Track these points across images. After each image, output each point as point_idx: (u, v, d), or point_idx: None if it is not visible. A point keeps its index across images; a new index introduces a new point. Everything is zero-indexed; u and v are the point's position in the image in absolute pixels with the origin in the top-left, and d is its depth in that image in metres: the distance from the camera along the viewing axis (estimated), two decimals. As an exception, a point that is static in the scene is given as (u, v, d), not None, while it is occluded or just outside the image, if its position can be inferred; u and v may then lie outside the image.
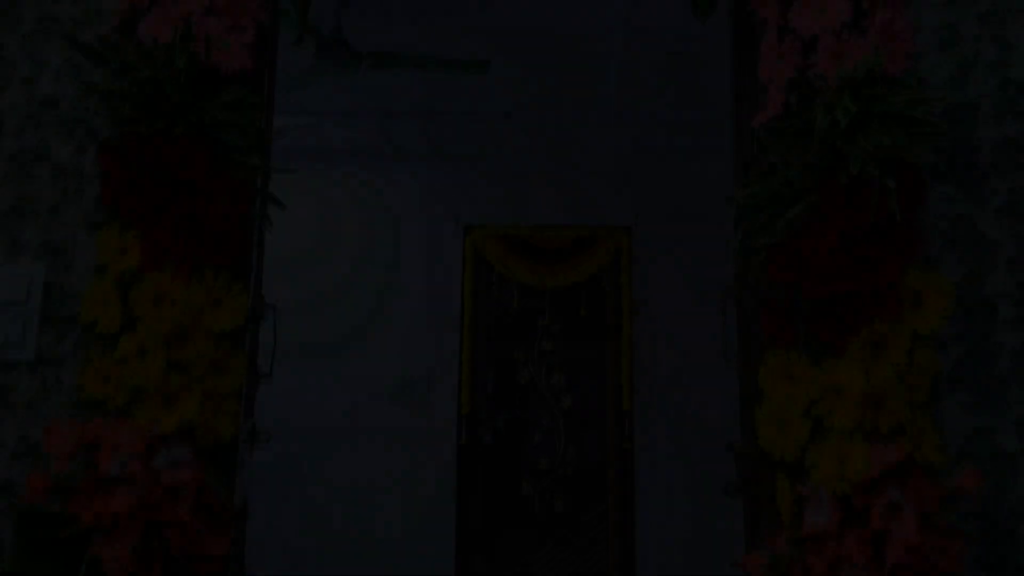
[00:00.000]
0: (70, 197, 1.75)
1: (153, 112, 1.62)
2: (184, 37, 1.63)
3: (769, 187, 1.58)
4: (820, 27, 1.61)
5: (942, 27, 1.70)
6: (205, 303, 1.64)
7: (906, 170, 1.56)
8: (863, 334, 1.50)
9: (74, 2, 1.83)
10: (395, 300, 5.53)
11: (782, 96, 1.63)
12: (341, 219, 5.63)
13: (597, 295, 5.50)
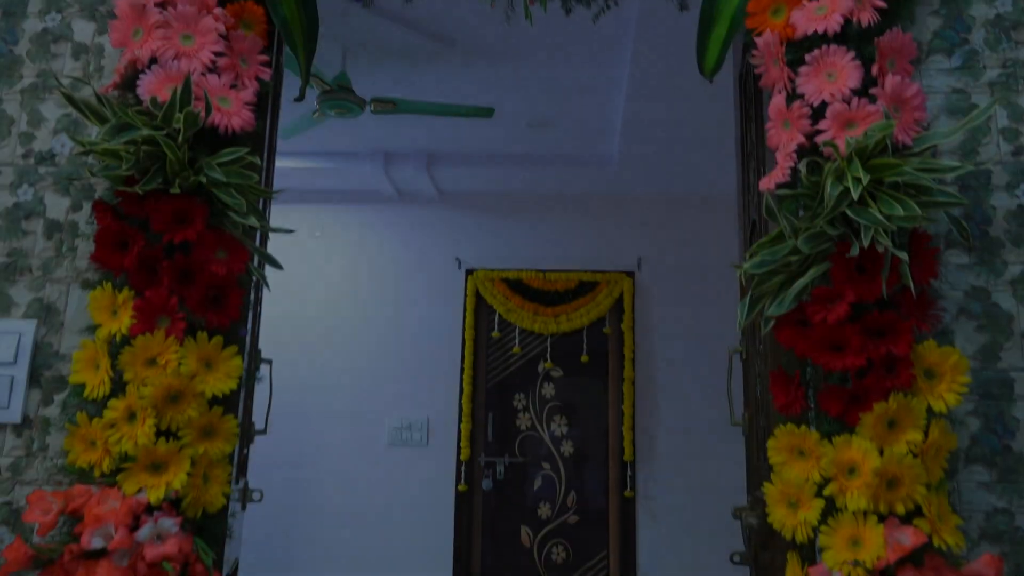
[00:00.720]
0: (63, 254, 1.71)
1: (150, 171, 1.59)
2: (183, 96, 1.60)
3: (777, 255, 1.54)
4: (829, 93, 1.58)
5: (952, 92, 1.67)
6: (198, 366, 1.60)
7: (918, 240, 1.52)
8: (876, 410, 1.44)
9: (74, 58, 1.82)
10: (394, 343, 5.49)
11: (790, 162, 1.60)
12: (340, 262, 5.61)
13: (599, 340, 5.45)
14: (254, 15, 1.78)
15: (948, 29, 1.71)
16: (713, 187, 5.24)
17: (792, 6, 1.67)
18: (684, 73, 3.00)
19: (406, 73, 4.05)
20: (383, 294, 5.56)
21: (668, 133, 4.51)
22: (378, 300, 5.55)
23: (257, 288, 1.83)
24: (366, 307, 5.54)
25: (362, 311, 5.54)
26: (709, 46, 1.81)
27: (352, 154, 5.17)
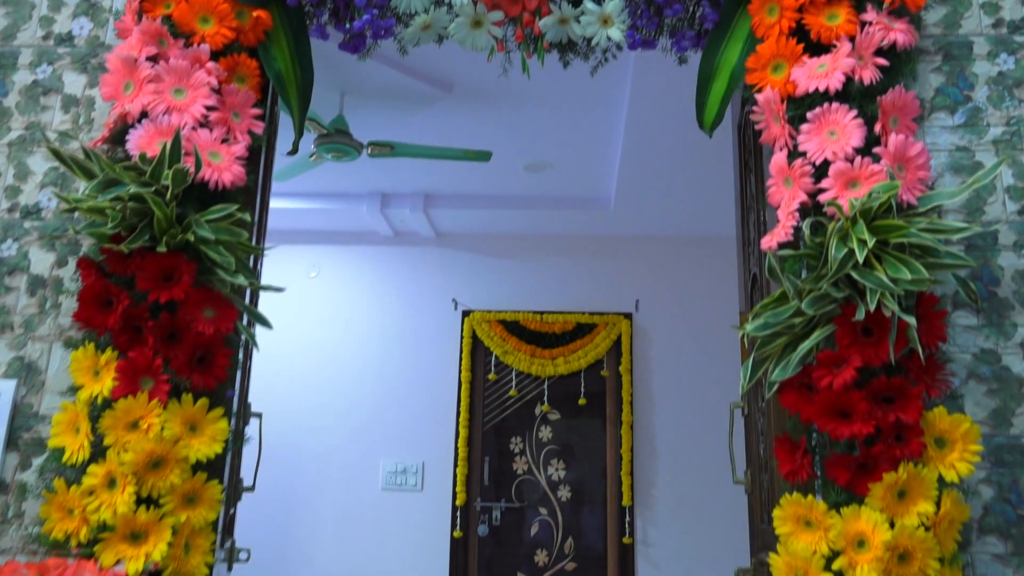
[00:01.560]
0: (46, 311, 1.66)
1: (137, 229, 1.55)
2: (173, 152, 1.57)
3: (781, 317, 1.50)
4: (831, 152, 1.56)
5: (956, 150, 1.65)
6: (182, 430, 1.54)
7: (925, 302, 1.48)
8: (886, 480, 1.39)
9: (64, 111, 1.79)
10: (390, 385, 5.42)
11: (792, 221, 1.56)
12: (336, 302, 5.57)
13: (597, 383, 5.38)
14: (248, 68, 1.76)
15: (951, 86, 1.69)
16: (711, 228, 5.23)
17: (792, 63, 1.65)
18: (681, 115, 2.99)
19: (404, 116, 4.04)
20: (378, 335, 5.50)
21: (666, 174, 4.50)
22: (373, 341, 5.49)
23: (246, 347, 1.78)
24: (361, 348, 5.48)
25: (357, 352, 5.48)
26: (708, 101, 1.79)
27: (349, 195, 5.15)
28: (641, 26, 1.80)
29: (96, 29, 1.85)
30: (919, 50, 1.69)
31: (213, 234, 1.57)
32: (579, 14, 1.82)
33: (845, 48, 1.59)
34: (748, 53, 1.72)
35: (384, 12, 1.81)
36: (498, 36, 1.87)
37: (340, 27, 1.81)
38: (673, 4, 1.75)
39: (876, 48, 1.60)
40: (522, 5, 1.83)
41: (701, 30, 1.83)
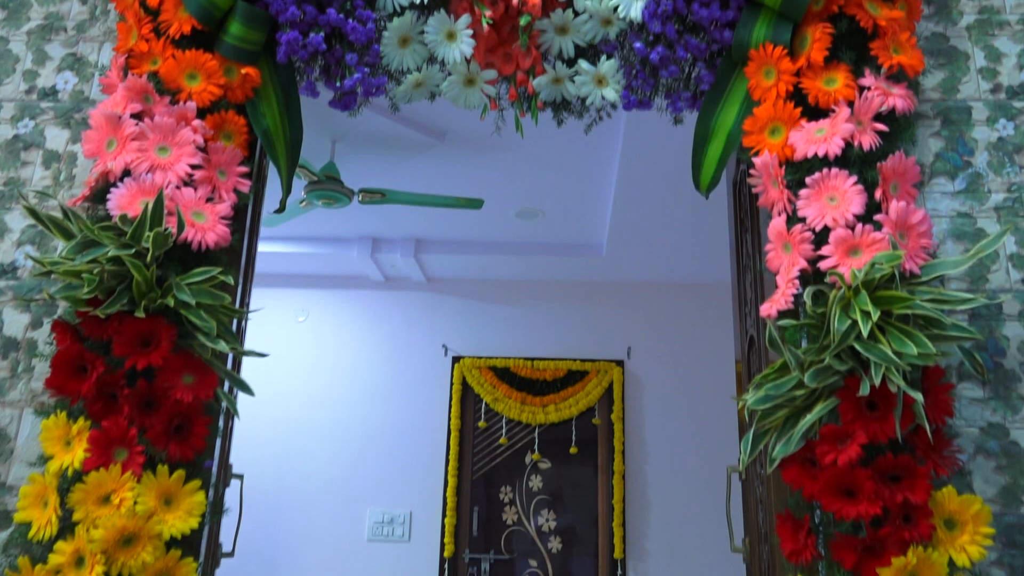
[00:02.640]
0: (19, 375, 1.60)
1: (115, 292, 1.49)
2: (154, 214, 1.52)
3: (782, 389, 1.45)
4: (831, 218, 1.52)
5: (957, 216, 1.62)
6: (156, 504, 1.46)
7: (931, 375, 1.44)
8: (895, 564, 1.33)
9: (45, 166, 1.74)
10: (378, 432, 5.32)
11: (793, 288, 1.52)
12: (324, 347, 5.48)
13: (589, 431, 5.30)
14: (235, 125, 1.72)
15: (951, 151, 1.67)
16: (703, 275, 5.20)
17: (790, 127, 1.62)
18: (674, 161, 2.97)
19: (395, 163, 4.02)
20: (367, 380, 5.41)
21: (658, 221, 4.48)
22: (362, 386, 5.40)
23: (227, 412, 1.72)
24: (349, 393, 5.39)
25: (345, 397, 5.38)
26: (704, 163, 1.76)
27: (339, 239, 5.11)
28: (636, 87, 1.78)
29: (81, 83, 1.81)
30: (918, 114, 1.67)
31: (194, 298, 1.51)
32: (573, 74, 1.79)
33: (844, 113, 1.57)
34: (745, 115, 1.69)
35: (376, 70, 1.78)
36: (491, 94, 1.85)
37: (331, 84, 1.78)
38: (668, 65, 1.73)
39: (875, 113, 1.58)
40: (516, 64, 1.80)
41: (697, 91, 1.81)
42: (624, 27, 1.74)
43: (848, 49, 1.63)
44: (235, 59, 1.71)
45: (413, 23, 1.76)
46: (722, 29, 1.70)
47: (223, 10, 1.69)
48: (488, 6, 1.71)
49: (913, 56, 1.62)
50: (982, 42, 1.72)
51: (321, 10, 1.71)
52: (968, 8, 1.75)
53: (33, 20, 1.87)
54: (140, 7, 1.72)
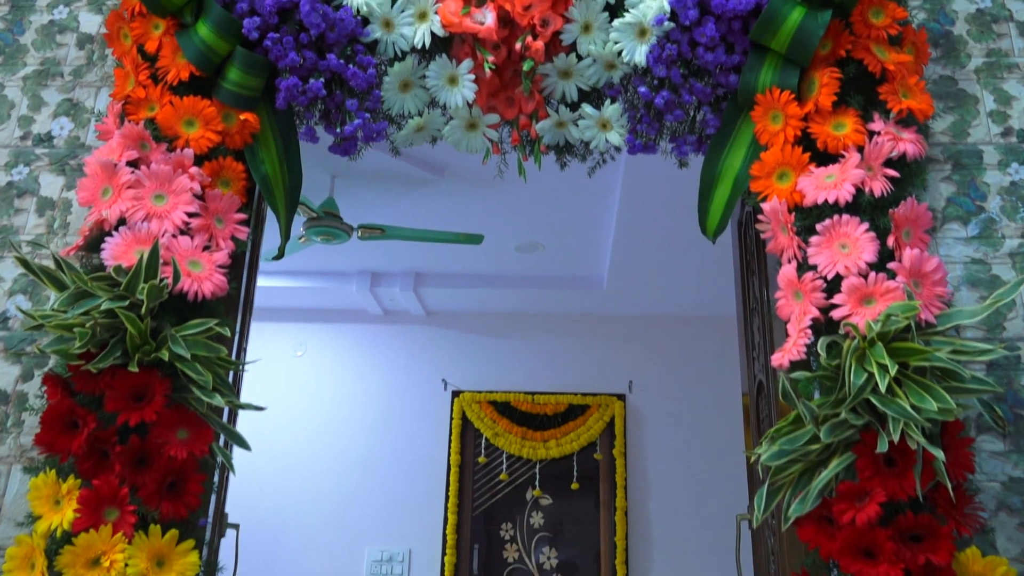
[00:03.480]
0: (8, 430, 1.55)
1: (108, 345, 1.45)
2: (150, 265, 1.48)
3: (796, 444, 1.40)
4: (844, 266, 1.48)
5: (971, 263, 1.58)
6: (148, 566, 1.41)
7: (950, 429, 1.39)
8: (917, 630, 1.27)
9: (38, 214, 1.71)
10: (376, 468, 5.23)
11: (805, 338, 1.48)
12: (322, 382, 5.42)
13: (590, 466, 5.22)
14: (233, 171, 1.69)
15: (962, 196, 1.64)
16: (705, 307, 5.16)
17: (799, 172, 1.59)
18: (675, 194, 2.95)
19: (395, 198, 4.00)
20: (365, 416, 5.34)
21: (659, 253, 4.45)
22: (360, 422, 5.33)
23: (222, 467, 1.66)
24: (347, 429, 5.32)
25: (343, 433, 5.31)
26: (711, 208, 1.73)
27: (338, 273, 5.07)
28: (641, 131, 1.75)
29: (77, 130, 1.79)
30: (928, 159, 1.64)
31: (190, 350, 1.47)
32: (577, 118, 1.77)
33: (854, 159, 1.54)
34: (752, 160, 1.67)
35: (376, 115, 1.75)
36: (494, 138, 1.82)
37: (330, 129, 1.75)
38: (674, 109, 1.71)
39: (885, 159, 1.55)
40: (518, 108, 1.78)
41: (702, 135, 1.78)
42: (628, 71, 1.72)
43: (856, 93, 1.60)
44: (233, 105, 1.68)
45: (414, 68, 1.73)
46: (727, 73, 1.68)
47: (222, 56, 1.67)
48: (490, 51, 1.69)
49: (922, 100, 1.59)
50: (991, 85, 1.70)
51: (321, 56, 1.68)
52: (976, 51, 1.73)
53: (29, 65, 1.85)
54: (138, 53, 1.70)
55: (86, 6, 1.89)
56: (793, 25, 1.59)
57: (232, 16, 1.66)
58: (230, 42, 1.66)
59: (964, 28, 1.75)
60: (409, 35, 1.70)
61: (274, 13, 1.65)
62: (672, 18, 1.64)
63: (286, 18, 1.68)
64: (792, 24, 1.59)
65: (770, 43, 1.62)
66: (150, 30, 1.71)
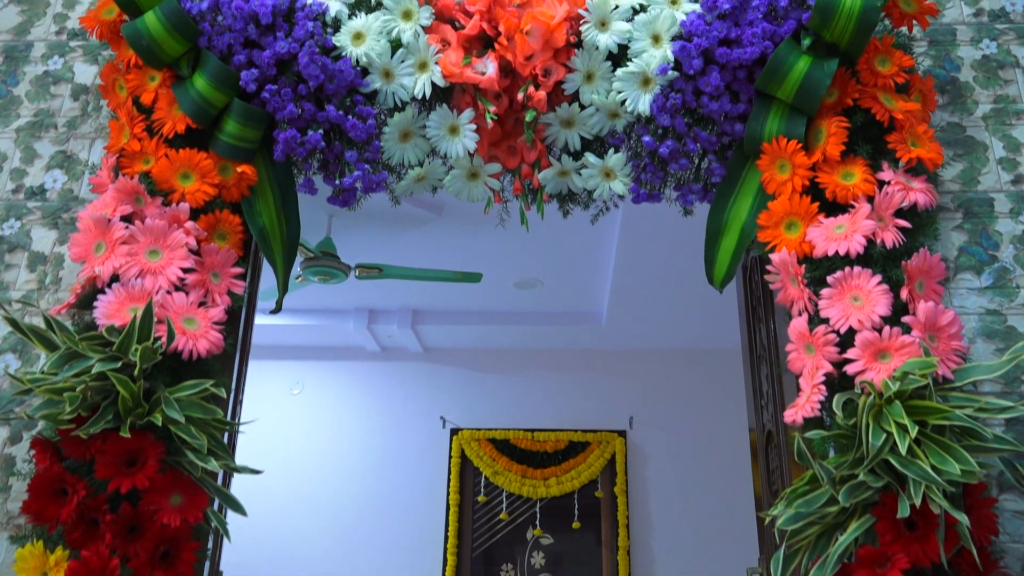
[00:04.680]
0: (-6, 496, 1.49)
1: (99, 408, 1.40)
2: (143, 325, 1.44)
3: (813, 506, 1.35)
4: (856, 320, 1.45)
5: (986, 314, 1.55)
6: (139, 640, 1.34)
7: (973, 491, 1.35)
8: None
9: (30, 269, 1.67)
10: (374, 508, 5.14)
11: (819, 395, 1.44)
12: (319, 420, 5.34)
13: (591, 505, 5.13)
14: (230, 225, 1.65)
15: (975, 245, 1.60)
16: (706, 341, 5.11)
17: (808, 222, 1.56)
18: (675, 229, 2.91)
19: (393, 236, 3.97)
20: (362, 454, 5.26)
21: (659, 287, 4.41)
22: (357, 461, 5.24)
23: (216, 532, 1.61)
24: (344, 468, 5.23)
25: (340, 472, 5.22)
26: (718, 257, 1.69)
27: (335, 310, 5.02)
28: (645, 180, 1.72)
29: (70, 182, 1.75)
30: (939, 207, 1.61)
31: (184, 412, 1.42)
32: (580, 167, 1.74)
33: (864, 209, 1.51)
34: (759, 209, 1.63)
35: (376, 165, 1.72)
36: (495, 187, 1.79)
37: (329, 180, 1.72)
38: (679, 159, 1.68)
39: (896, 209, 1.52)
40: (520, 157, 1.75)
41: (708, 183, 1.76)
42: (632, 120, 1.69)
43: (864, 142, 1.58)
44: (231, 157, 1.65)
45: (414, 118, 1.71)
46: (733, 122, 1.66)
47: (218, 108, 1.64)
48: (492, 101, 1.66)
49: (932, 149, 1.57)
50: (1000, 132, 1.68)
51: (320, 107, 1.66)
52: (983, 98, 1.71)
53: (23, 117, 1.81)
54: (133, 105, 1.67)
55: (81, 57, 1.87)
56: (799, 75, 1.57)
57: (229, 68, 1.63)
58: (227, 94, 1.64)
59: (970, 74, 1.73)
60: (409, 85, 1.67)
61: (272, 65, 1.63)
62: (676, 67, 1.62)
63: (284, 69, 1.65)
64: (798, 74, 1.57)
65: (776, 92, 1.60)
66: (146, 82, 1.68)
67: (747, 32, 1.60)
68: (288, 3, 1.65)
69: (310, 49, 1.60)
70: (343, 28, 1.67)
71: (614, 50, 1.65)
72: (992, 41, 1.76)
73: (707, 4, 1.62)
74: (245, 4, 1.63)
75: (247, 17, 1.63)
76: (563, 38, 1.64)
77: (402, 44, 1.66)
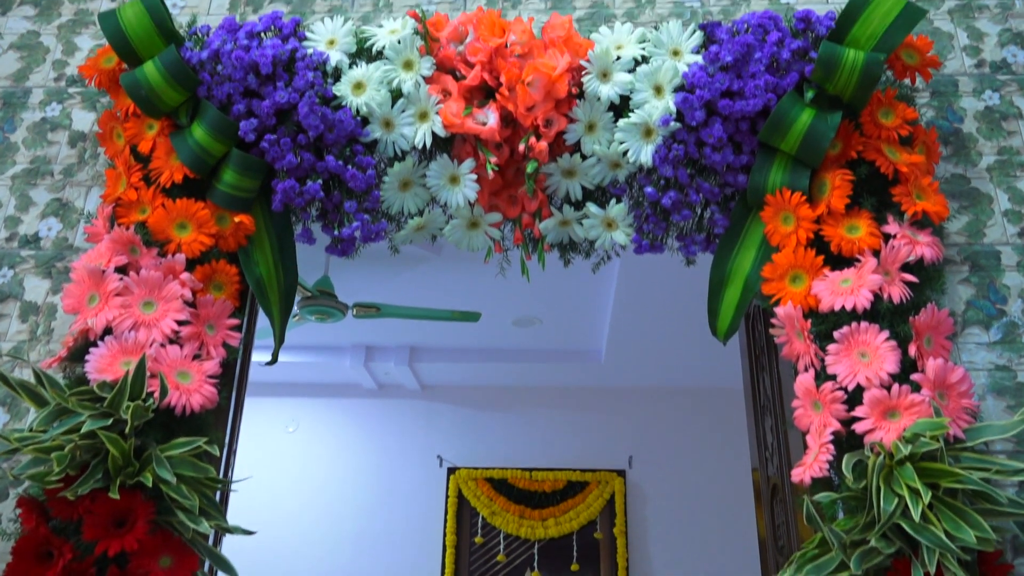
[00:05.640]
0: (-22, 556, 1.44)
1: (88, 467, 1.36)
2: (136, 381, 1.40)
3: (823, 572, 1.32)
4: (865, 378, 1.42)
5: (996, 369, 1.52)
6: None
7: (988, 557, 1.31)
8: None
9: (21, 319, 1.64)
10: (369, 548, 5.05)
11: (827, 455, 1.40)
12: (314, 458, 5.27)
13: (590, 546, 5.05)
14: (226, 275, 1.62)
15: (982, 299, 1.58)
16: (707, 379, 5.06)
17: (813, 275, 1.54)
18: (674, 266, 2.89)
19: (391, 275, 3.95)
20: (358, 494, 5.18)
21: (659, 325, 4.38)
22: (352, 500, 5.17)
23: (207, 592, 1.55)
24: (339, 507, 5.15)
25: (335, 512, 5.14)
26: (721, 309, 1.67)
27: (331, 348, 4.99)
28: (647, 230, 1.70)
29: (65, 230, 1.73)
30: (945, 260, 1.59)
31: (175, 470, 1.38)
32: (582, 217, 1.72)
33: (870, 264, 1.49)
34: (763, 260, 1.61)
35: (375, 215, 1.70)
36: (496, 237, 1.77)
37: (328, 230, 1.70)
38: (681, 209, 1.66)
39: (902, 263, 1.50)
40: (521, 207, 1.73)
41: (711, 233, 1.74)
42: (634, 170, 1.68)
43: (869, 195, 1.56)
44: (228, 207, 1.63)
45: (415, 167, 1.69)
46: (736, 173, 1.64)
47: (216, 158, 1.62)
48: (493, 151, 1.65)
49: (937, 202, 1.55)
50: (1004, 183, 1.66)
51: (319, 156, 1.64)
52: (987, 149, 1.70)
53: (19, 164, 1.80)
54: (131, 154, 1.65)
55: (80, 103, 1.85)
56: (803, 127, 1.56)
57: (228, 118, 1.62)
58: (226, 144, 1.62)
59: (973, 125, 1.72)
60: (410, 135, 1.66)
61: (272, 115, 1.61)
62: (678, 118, 1.61)
63: (284, 119, 1.64)
64: (802, 126, 1.56)
65: (779, 144, 1.59)
66: (144, 131, 1.66)
67: (750, 84, 1.59)
68: (288, 53, 1.64)
69: (310, 99, 1.59)
70: (344, 77, 1.66)
71: (616, 101, 1.64)
72: (994, 92, 1.75)
73: (709, 56, 1.62)
74: (245, 54, 1.62)
75: (247, 67, 1.62)
76: (565, 89, 1.63)
77: (403, 94, 1.65)
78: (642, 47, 1.67)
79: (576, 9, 1.93)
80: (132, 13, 1.67)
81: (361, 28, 1.73)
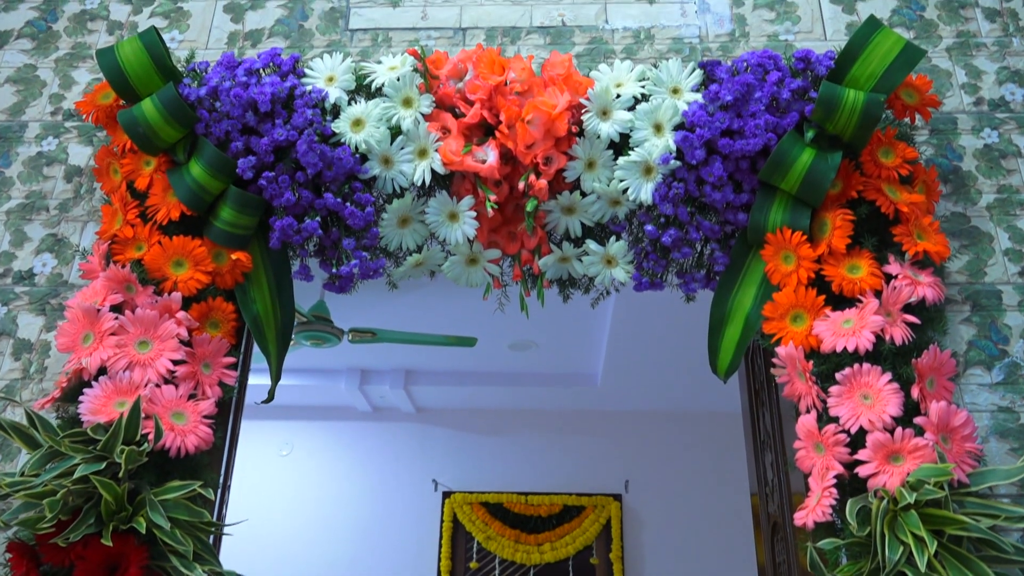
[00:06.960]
0: (-34, 602, 1.41)
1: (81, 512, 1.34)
2: (130, 423, 1.38)
3: (829, 620, 1.30)
4: (867, 420, 1.41)
5: (999, 411, 1.51)
6: None
7: (995, 604, 1.29)
8: None
9: (14, 357, 1.62)
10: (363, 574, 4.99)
11: (830, 499, 1.39)
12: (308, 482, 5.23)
13: (587, 572, 5.00)
14: (223, 313, 1.61)
15: (984, 339, 1.58)
16: (704, 403, 5.05)
17: (814, 315, 1.53)
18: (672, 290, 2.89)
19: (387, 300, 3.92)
20: (352, 518, 5.14)
21: (656, 348, 4.37)
22: (346, 524, 5.12)
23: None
24: (333, 531, 5.10)
25: (329, 536, 5.09)
26: (722, 346, 1.66)
27: (326, 370, 4.96)
28: (647, 267, 1.70)
29: (60, 266, 1.71)
30: (946, 299, 1.59)
31: (169, 514, 1.36)
32: (581, 253, 1.71)
33: (872, 304, 1.48)
34: (763, 299, 1.61)
35: (374, 252, 1.69)
36: (495, 273, 1.76)
37: (326, 267, 1.69)
38: (681, 247, 1.66)
39: (904, 304, 1.49)
40: (520, 243, 1.73)
41: (711, 270, 1.73)
42: (634, 208, 1.67)
43: (870, 235, 1.56)
44: (225, 244, 1.62)
45: (413, 204, 1.68)
46: (736, 211, 1.64)
47: (214, 195, 1.61)
48: (492, 189, 1.64)
49: (938, 242, 1.55)
50: (1004, 222, 1.66)
51: (318, 194, 1.63)
52: (986, 187, 1.70)
53: (14, 199, 1.78)
54: (127, 190, 1.64)
55: (76, 138, 1.84)
56: (803, 167, 1.55)
57: (226, 155, 1.61)
58: (223, 181, 1.61)
59: (973, 164, 1.73)
60: (409, 172, 1.65)
61: (270, 152, 1.61)
62: (678, 156, 1.61)
63: (282, 156, 1.63)
64: (802, 166, 1.56)
65: (780, 183, 1.58)
66: (141, 167, 1.65)
67: (750, 124, 1.59)
68: (287, 90, 1.64)
69: (309, 137, 1.58)
70: (342, 114, 1.65)
71: (616, 139, 1.63)
72: (993, 130, 1.75)
73: (709, 95, 1.62)
74: (244, 91, 1.61)
75: (246, 104, 1.61)
76: (564, 127, 1.63)
77: (402, 131, 1.65)
78: (642, 85, 1.67)
79: (575, 45, 1.93)
80: (130, 50, 1.66)
81: (360, 64, 1.72)
